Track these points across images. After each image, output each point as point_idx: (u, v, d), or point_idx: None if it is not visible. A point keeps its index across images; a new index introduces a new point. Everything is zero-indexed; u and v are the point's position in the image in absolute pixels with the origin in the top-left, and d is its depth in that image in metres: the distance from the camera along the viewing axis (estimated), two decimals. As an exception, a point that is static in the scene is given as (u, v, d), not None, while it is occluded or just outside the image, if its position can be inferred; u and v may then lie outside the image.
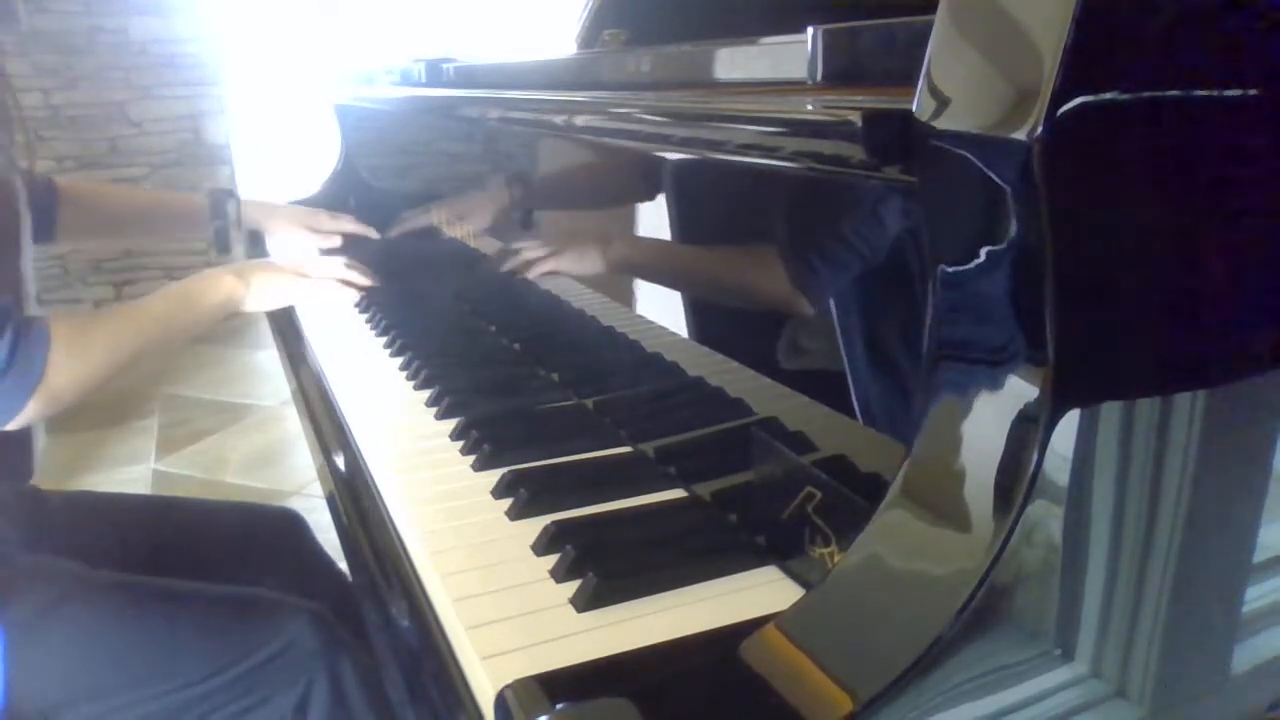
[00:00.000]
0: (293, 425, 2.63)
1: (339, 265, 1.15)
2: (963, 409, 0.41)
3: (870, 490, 0.50)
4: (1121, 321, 0.39)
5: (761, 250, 0.61)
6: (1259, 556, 0.47)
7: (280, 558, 1.08)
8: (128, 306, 0.96)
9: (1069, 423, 0.38)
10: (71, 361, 0.86)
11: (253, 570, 1.02)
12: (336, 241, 1.40)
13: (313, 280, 1.11)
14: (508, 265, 1.02)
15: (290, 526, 1.15)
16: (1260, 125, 0.40)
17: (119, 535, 1.00)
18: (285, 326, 1.28)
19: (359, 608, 1.05)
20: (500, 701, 0.46)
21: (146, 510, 1.12)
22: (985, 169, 0.37)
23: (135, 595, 0.87)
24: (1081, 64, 0.34)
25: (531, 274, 0.96)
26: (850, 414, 0.53)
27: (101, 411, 2.78)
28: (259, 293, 1.05)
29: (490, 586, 0.58)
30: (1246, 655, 0.48)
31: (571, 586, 0.57)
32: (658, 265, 0.76)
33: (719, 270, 0.68)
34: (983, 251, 0.39)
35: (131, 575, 0.90)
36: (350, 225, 1.41)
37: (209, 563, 1.00)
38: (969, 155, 0.38)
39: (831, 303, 0.55)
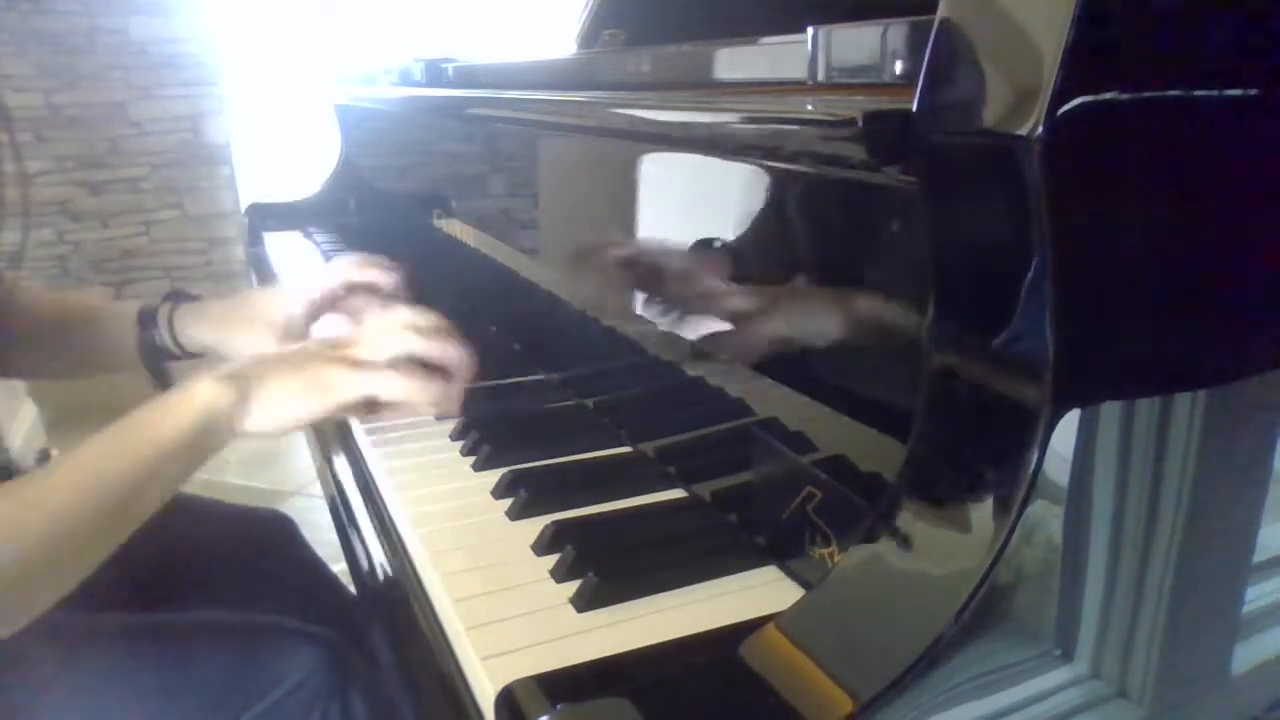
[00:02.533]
0: (293, 425, 2.62)
1: (431, 344, 0.70)
2: (963, 409, 0.41)
3: (870, 490, 0.50)
4: (1122, 321, 0.39)
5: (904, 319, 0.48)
6: (1259, 556, 0.47)
7: (275, 562, 1.07)
8: (41, 479, 0.60)
9: (1069, 423, 0.38)
10: None
11: (251, 574, 1.01)
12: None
13: (382, 372, 0.67)
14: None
15: (282, 530, 1.13)
16: (1260, 125, 0.40)
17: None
18: (285, 326, 1.28)
19: (352, 612, 1.05)
20: (500, 701, 0.46)
21: None
22: (985, 169, 0.37)
23: (141, 645, 0.81)
24: (1081, 64, 0.34)
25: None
26: (849, 414, 0.53)
27: (101, 412, 2.77)
28: (264, 411, 0.66)
29: (490, 587, 0.58)
30: (1246, 655, 0.48)
31: (571, 586, 0.57)
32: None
33: (821, 319, 0.54)
34: (983, 251, 0.40)
35: (135, 616, 0.84)
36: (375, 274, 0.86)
37: (209, 564, 0.99)
38: (969, 155, 0.38)
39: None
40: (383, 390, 0.68)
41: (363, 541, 0.72)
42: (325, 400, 0.67)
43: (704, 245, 0.67)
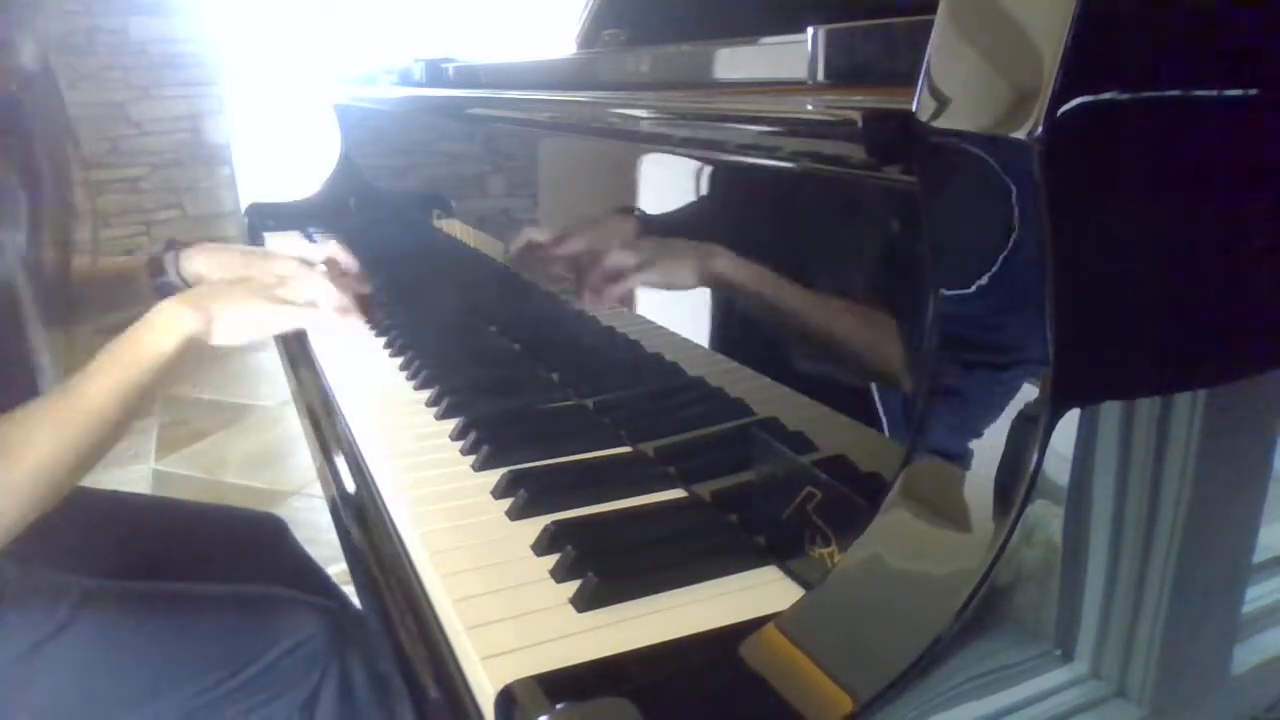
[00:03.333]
0: (293, 425, 2.63)
1: (324, 283, 0.90)
2: (963, 409, 0.41)
3: (870, 490, 0.50)
4: (1122, 321, 0.39)
5: (877, 315, 0.51)
6: (1259, 556, 0.47)
7: (268, 562, 1.07)
8: (63, 392, 0.75)
9: (1069, 423, 0.38)
10: (7, 481, 0.68)
11: (245, 574, 1.01)
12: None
13: (296, 308, 0.88)
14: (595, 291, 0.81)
15: (274, 531, 1.13)
16: (1260, 125, 0.40)
17: (113, 537, 0.99)
18: (285, 326, 1.28)
19: (346, 609, 1.05)
20: (500, 701, 0.46)
21: (138, 511, 1.10)
22: (985, 169, 0.37)
23: (145, 605, 0.85)
24: (1081, 64, 0.34)
25: (612, 295, 0.80)
26: (849, 414, 0.53)
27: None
28: (225, 326, 0.84)
29: (490, 587, 0.58)
30: (1246, 655, 0.48)
31: (571, 586, 0.57)
32: (758, 294, 0.62)
33: (822, 319, 0.57)
34: (983, 251, 0.40)
35: (138, 583, 0.87)
36: (336, 255, 1.00)
37: (202, 566, 0.99)
38: (969, 155, 0.38)
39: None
40: (303, 324, 0.90)
41: (362, 541, 0.72)
42: (265, 329, 0.88)
43: (702, 245, 0.67)
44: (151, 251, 1.06)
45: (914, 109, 0.39)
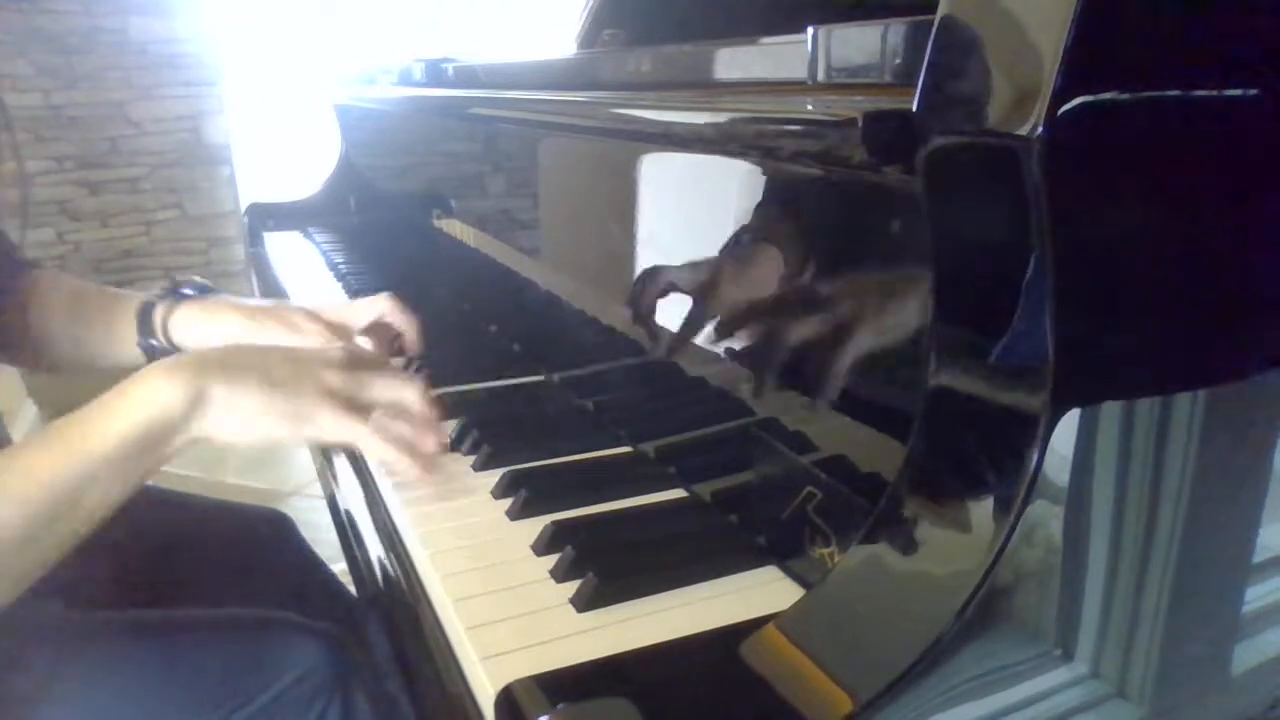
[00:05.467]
0: (293, 425, 2.62)
1: (404, 389, 0.68)
2: (963, 409, 0.41)
3: (870, 490, 0.50)
4: (1122, 321, 0.39)
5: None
6: (1259, 556, 0.47)
7: (272, 559, 1.06)
8: None
9: (1069, 423, 0.38)
10: None
11: (246, 572, 1.00)
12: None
13: (345, 424, 0.64)
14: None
15: (279, 527, 1.13)
16: (1260, 125, 0.40)
17: (112, 534, 0.96)
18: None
19: (350, 610, 1.04)
20: (500, 701, 0.46)
21: (138, 507, 1.06)
22: (986, 168, 0.37)
23: (138, 640, 0.80)
24: (1082, 64, 0.34)
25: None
26: (850, 414, 0.53)
27: (101, 411, 2.77)
28: (226, 421, 0.60)
29: (490, 587, 0.58)
30: (1246, 655, 0.48)
31: (571, 586, 0.57)
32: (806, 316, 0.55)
33: (822, 318, 0.54)
34: (983, 251, 0.40)
35: (133, 613, 0.83)
36: (384, 314, 0.84)
37: (202, 563, 0.98)
38: (969, 155, 0.38)
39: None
40: (362, 446, 0.66)
41: (363, 541, 0.72)
42: (299, 431, 0.62)
43: (703, 246, 0.67)
44: (148, 295, 0.84)
45: (914, 109, 0.39)
